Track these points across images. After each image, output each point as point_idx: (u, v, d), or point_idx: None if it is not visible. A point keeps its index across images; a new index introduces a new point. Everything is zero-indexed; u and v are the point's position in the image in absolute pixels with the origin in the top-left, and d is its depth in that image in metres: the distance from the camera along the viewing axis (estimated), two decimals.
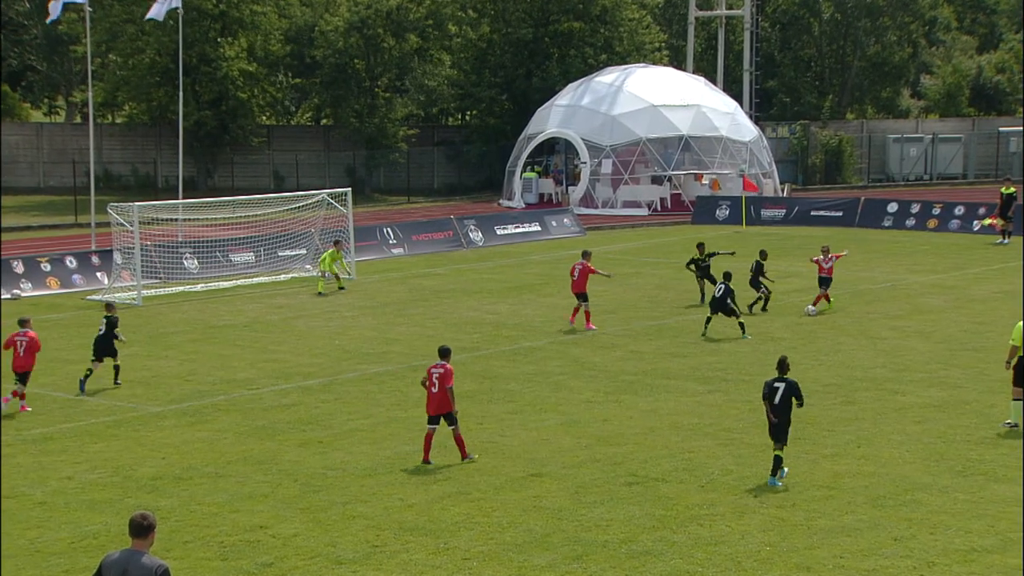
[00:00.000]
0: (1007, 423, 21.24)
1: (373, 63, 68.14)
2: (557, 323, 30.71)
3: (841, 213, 53.47)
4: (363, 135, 67.98)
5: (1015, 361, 21.14)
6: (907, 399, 23.32)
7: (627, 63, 66.79)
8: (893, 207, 53.13)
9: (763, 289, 32.36)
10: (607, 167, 58.81)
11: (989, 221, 48.57)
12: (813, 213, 53.96)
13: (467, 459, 19.54)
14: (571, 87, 62.99)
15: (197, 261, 40.30)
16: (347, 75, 67.51)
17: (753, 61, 70.89)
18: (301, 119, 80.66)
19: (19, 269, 37.46)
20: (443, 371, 19.37)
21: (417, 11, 67.80)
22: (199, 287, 38.23)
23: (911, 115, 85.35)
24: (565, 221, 52.44)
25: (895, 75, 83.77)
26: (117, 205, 37.27)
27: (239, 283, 39.11)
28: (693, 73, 67.02)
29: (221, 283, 38.91)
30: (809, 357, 26.71)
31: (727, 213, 54.75)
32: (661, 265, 41.43)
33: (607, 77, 62.13)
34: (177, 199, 43.78)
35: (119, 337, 25.27)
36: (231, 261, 40.93)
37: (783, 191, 61.81)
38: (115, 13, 64.45)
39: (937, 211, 51.87)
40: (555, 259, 43.24)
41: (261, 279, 39.84)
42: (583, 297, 30.53)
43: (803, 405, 18.61)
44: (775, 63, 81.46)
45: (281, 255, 41.60)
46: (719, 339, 29.12)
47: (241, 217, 42.47)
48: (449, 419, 19.42)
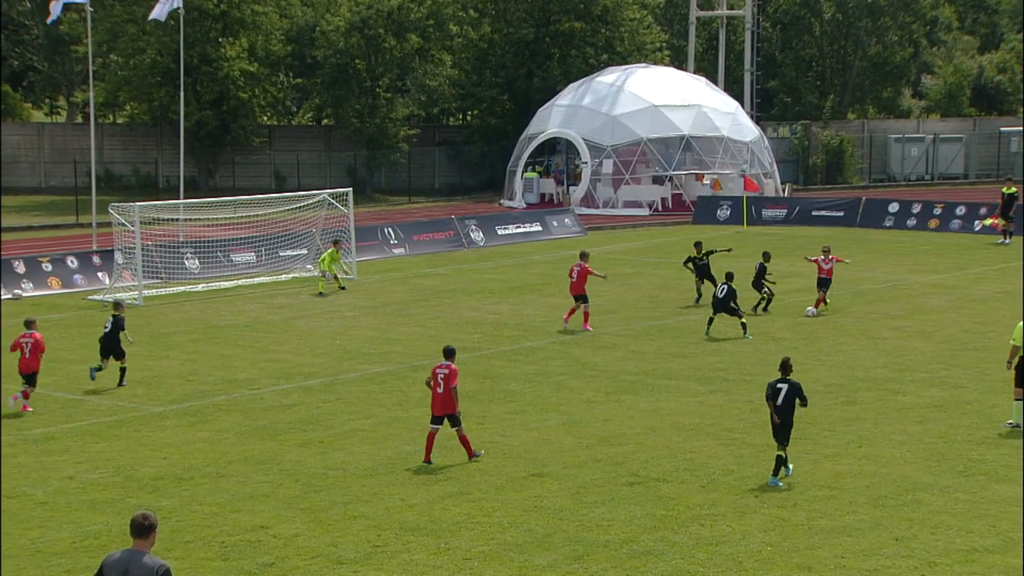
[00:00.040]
0: (1008, 423, 21.24)
1: (374, 63, 68.14)
2: (558, 323, 30.73)
3: (842, 213, 53.47)
4: (364, 135, 67.97)
5: (1016, 361, 21.14)
6: (908, 399, 23.32)
7: (628, 63, 66.78)
8: (894, 207, 53.13)
9: (765, 290, 32.38)
10: (608, 167, 58.80)
11: (990, 221, 48.57)
12: (814, 213, 53.96)
13: (474, 458, 19.52)
14: (572, 87, 62.99)
15: (198, 261, 40.30)
16: (348, 75, 67.51)
17: (754, 61, 70.89)
18: (302, 119, 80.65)
19: (20, 269, 37.47)
20: (448, 371, 19.36)
21: (418, 11, 67.80)
22: (200, 287, 38.24)
23: (912, 115, 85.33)
24: (566, 221, 52.44)
25: (896, 75, 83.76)
26: (118, 205, 37.28)
27: (240, 283, 39.12)
28: (694, 73, 66.98)
29: (222, 283, 38.91)
30: (810, 357, 26.72)
31: (728, 213, 54.76)
32: (662, 265, 41.42)
33: (608, 77, 62.12)
34: (178, 199, 43.76)
35: (127, 337, 25.33)
36: (232, 261, 40.93)
37: (784, 191, 61.82)
38: (116, 13, 64.45)
39: (938, 211, 51.86)
40: (556, 259, 43.23)
41: (262, 279, 39.84)
42: (583, 299, 30.51)
43: (807, 405, 18.66)
44: (776, 63, 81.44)
45: (282, 255, 41.61)
46: (720, 339, 29.12)
47: (242, 217, 42.46)
48: (452, 420, 19.41)
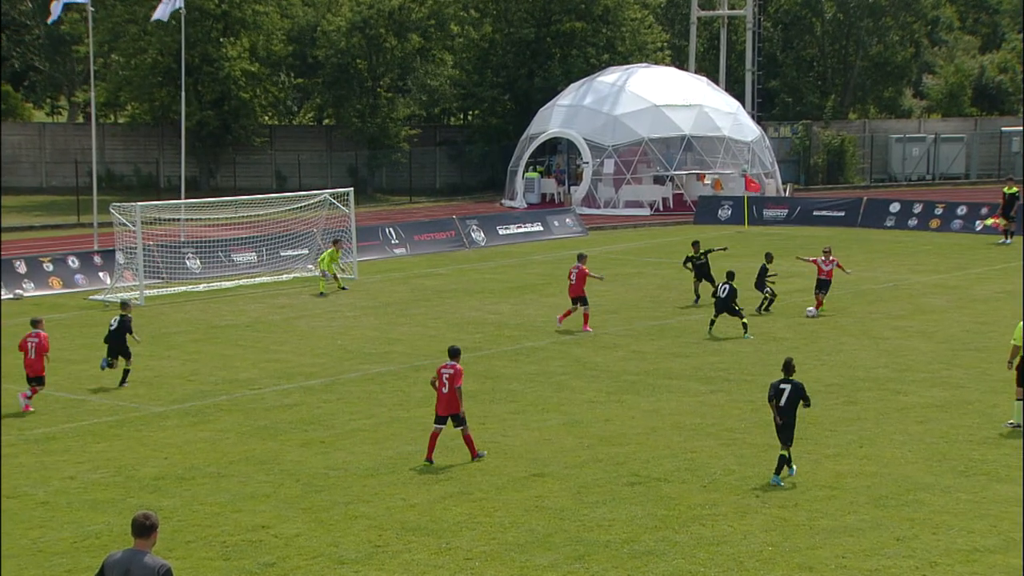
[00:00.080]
0: (1010, 423, 21.23)
1: (375, 63, 68.16)
2: (566, 322, 30.67)
3: (843, 213, 53.46)
4: (365, 135, 67.98)
5: (1017, 361, 21.14)
6: (909, 399, 23.31)
7: (629, 63, 66.77)
8: (895, 207, 53.13)
9: (767, 290, 32.36)
10: (609, 167, 58.80)
11: (991, 221, 48.56)
12: (815, 213, 53.96)
13: (476, 458, 19.52)
14: (573, 87, 62.99)
15: (199, 261, 40.30)
16: (349, 75, 67.51)
17: (755, 61, 70.87)
18: (303, 119, 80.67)
19: (21, 269, 37.47)
20: (453, 371, 19.38)
21: (419, 11, 67.82)
22: (201, 287, 38.25)
23: (913, 115, 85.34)
24: (567, 221, 52.44)
25: (897, 75, 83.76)
26: (119, 205, 37.30)
27: (241, 283, 39.13)
28: (695, 73, 66.98)
29: (223, 283, 38.92)
30: (811, 357, 26.71)
31: (729, 213, 54.76)
32: (663, 265, 41.41)
33: (609, 77, 62.12)
34: (179, 199, 43.76)
35: (134, 336, 25.38)
36: (233, 261, 40.94)
37: (785, 191, 61.84)
38: (117, 13, 64.47)
39: (939, 211, 51.85)
40: (557, 259, 43.22)
41: (263, 279, 39.85)
42: (583, 300, 30.45)
43: (809, 406, 18.67)
44: (777, 63, 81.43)
45: (283, 255, 41.62)
46: (721, 339, 29.12)
47: (243, 217, 42.47)
48: (457, 420, 19.43)
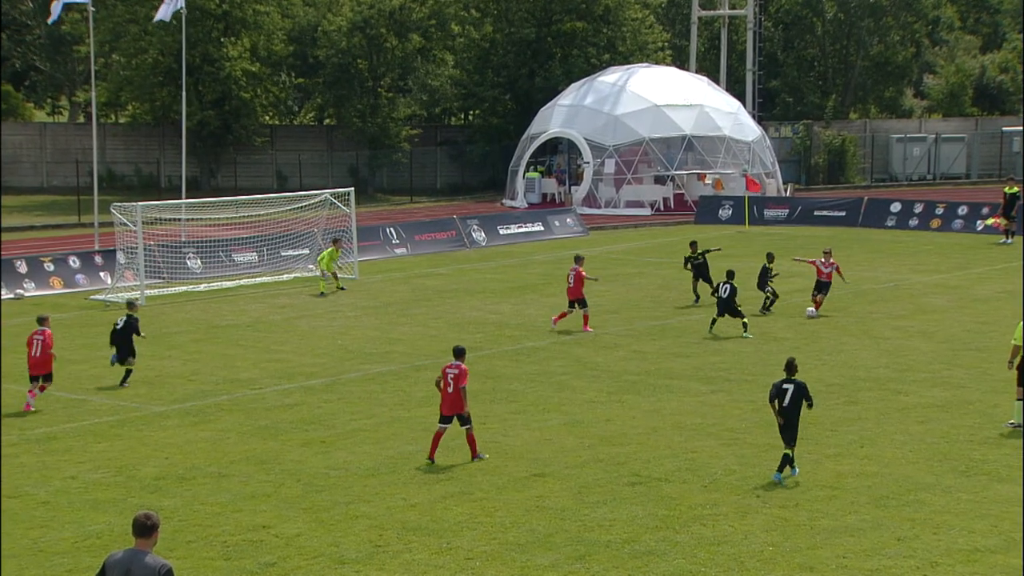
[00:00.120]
0: (1010, 423, 21.22)
1: (376, 63, 68.17)
2: (564, 323, 30.67)
3: (844, 213, 53.44)
4: (366, 135, 68.00)
5: (1018, 361, 21.13)
6: (910, 399, 23.31)
7: (630, 63, 66.75)
8: (896, 207, 53.11)
9: (768, 289, 32.33)
10: (610, 167, 58.79)
11: (992, 221, 48.56)
12: (816, 213, 53.94)
13: (476, 459, 19.54)
14: (574, 87, 62.98)
15: (200, 261, 40.32)
16: (350, 75, 67.52)
17: (756, 61, 70.85)
18: (304, 119, 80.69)
19: (22, 269, 37.48)
20: (458, 371, 19.41)
21: (420, 11, 67.84)
22: (202, 287, 38.26)
23: (914, 115, 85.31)
24: (568, 221, 52.44)
25: (898, 75, 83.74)
26: (120, 205, 37.31)
27: (242, 283, 39.13)
28: (696, 73, 66.97)
29: (224, 283, 38.93)
30: (812, 357, 26.69)
31: (730, 213, 54.75)
32: (664, 265, 41.40)
33: (610, 77, 62.11)
34: (180, 199, 43.76)
35: (140, 333, 25.51)
36: (234, 261, 40.94)
37: (786, 191, 61.84)
38: (118, 13, 64.50)
39: (940, 211, 51.83)
40: (558, 259, 43.20)
41: (264, 279, 39.86)
42: (582, 302, 30.39)
43: (812, 407, 18.67)
44: (778, 63, 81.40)
45: (284, 255, 41.63)
46: (722, 339, 29.12)
47: (244, 217, 42.49)
48: (462, 419, 19.46)
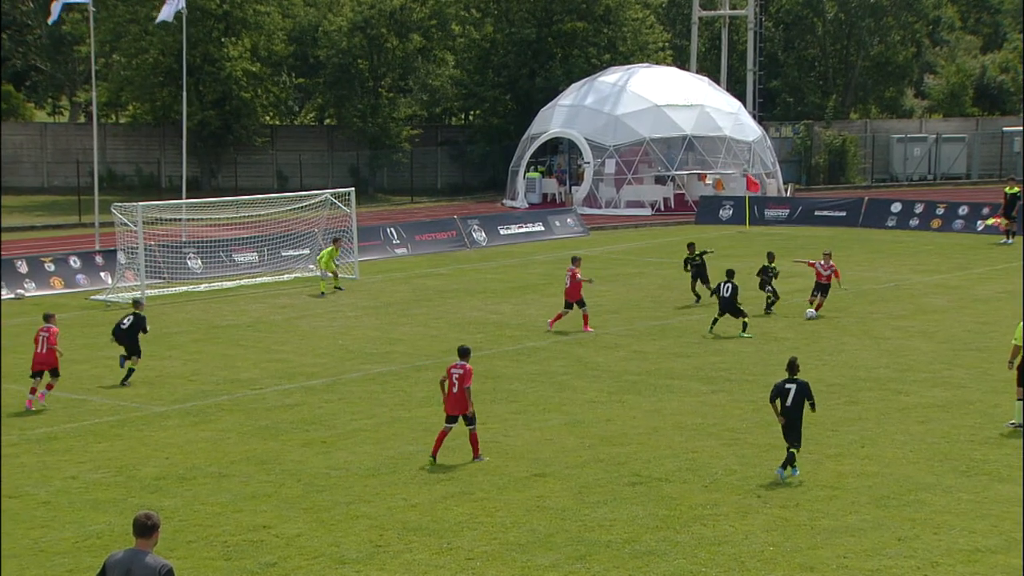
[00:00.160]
0: (1011, 423, 21.22)
1: (377, 63, 68.17)
2: (562, 323, 30.67)
3: (845, 213, 53.42)
4: (367, 135, 67.99)
5: (1018, 361, 21.12)
6: (911, 399, 23.31)
7: (631, 63, 66.74)
8: (897, 207, 53.10)
9: (768, 288, 32.31)
10: (610, 167, 58.78)
11: (993, 221, 48.55)
12: (817, 213, 53.93)
13: (477, 459, 19.54)
14: (574, 87, 62.97)
15: (201, 261, 40.32)
16: (351, 75, 67.51)
17: (757, 61, 70.83)
18: (305, 119, 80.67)
19: (23, 269, 37.49)
20: (463, 371, 19.41)
21: (420, 11, 67.83)
22: (203, 287, 38.26)
23: (915, 115, 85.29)
24: (568, 221, 52.43)
25: (899, 75, 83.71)
26: (121, 205, 37.32)
27: (243, 283, 39.13)
28: (697, 73, 66.97)
29: (225, 283, 38.94)
30: (813, 357, 26.67)
31: (730, 213, 54.74)
32: (664, 265, 41.38)
33: (610, 77, 62.10)
34: (181, 199, 43.78)
35: (146, 330, 25.68)
36: (235, 261, 40.95)
37: (787, 191, 61.82)
38: (119, 13, 64.47)
39: (941, 211, 51.83)
40: (558, 259, 43.17)
41: (264, 279, 39.86)
42: (580, 302, 30.38)
43: (815, 409, 18.68)
44: (779, 63, 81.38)
45: (284, 255, 41.63)
46: (723, 338, 29.11)
47: (245, 217, 42.50)
48: (467, 419, 19.48)
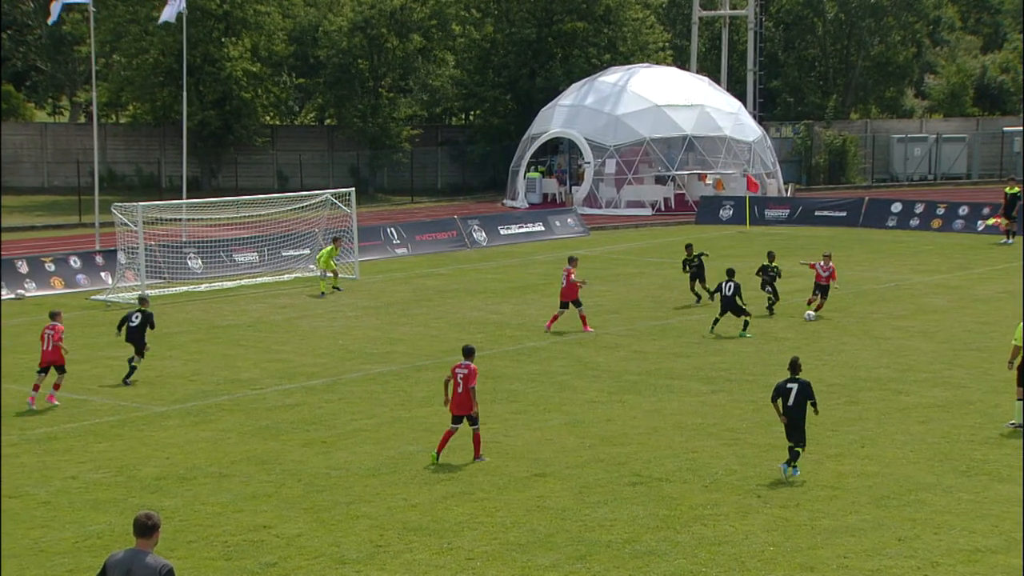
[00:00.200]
0: (1011, 423, 21.22)
1: (377, 63, 68.17)
2: (561, 323, 30.67)
3: (845, 213, 53.43)
4: (367, 135, 68.00)
5: (1018, 361, 21.12)
6: (911, 399, 23.31)
7: (631, 63, 66.75)
8: (897, 207, 53.11)
9: (768, 289, 32.30)
10: (611, 167, 58.78)
11: (993, 221, 48.55)
12: (817, 213, 53.93)
13: (478, 459, 19.54)
14: (575, 87, 62.97)
15: (201, 261, 40.32)
16: (351, 75, 67.52)
17: (757, 61, 70.84)
18: (305, 119, 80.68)
19: (23, 269, 37.48)
20: (467, 371, 19.41)
21: (421, 11, 67.83)
22: (203, 287, 38.26)
23: (915, 115, 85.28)
24: (569, 221, 52.44)
25: (899, 75, 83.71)
26: (121, 205, 37.33)
27: (243, 283, 39.14)
28: (697, 73, 66.99)
29: (225, 283, 38.94)
30: (813, 357, 26.66)
31: (731, 213, 54.74)
32: (665, 265, 41.37)
33: (611, 77, 62.10)
34: (181, 199, 43.79)
35: (154, 326, 25.84)
36: (235, 261, 40.95)
37: (787, 191, 61.83)
38: (119, 13, 64.47)
39: (941, 211, 51.84)
40: (559, 259, 43.12)
41: (265, 279, 39.86)
42: (576, 303, 30.39)
43: (818, 412, 18.70)
44: (779, 63, 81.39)
45: (285, 255, 41.63)
46: (723, 338, 29.12)
47: (245, 217, 42.50)
48: (471, 419, 19.49)
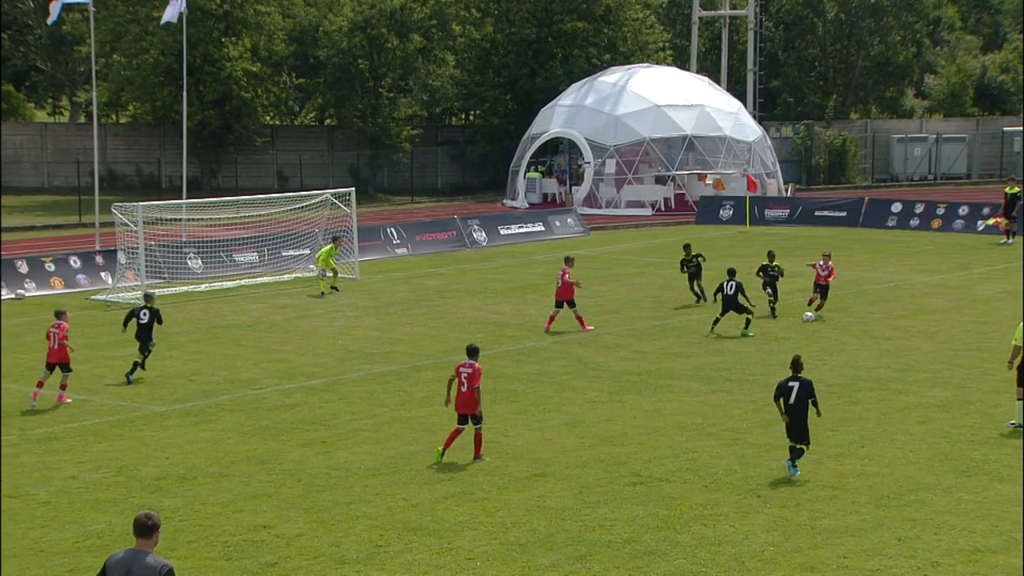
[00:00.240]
0: (1011, 423, 21.22)
1: (377, 63, 68.17)
2: (560, 323, 30.67)
3: (845, 213, 53.44)
4: (367, 135, 68.00)
5: (1018, 361, 21.12)
6: (911, 399, 23.31)
7: (631, 63, 66.75)
8: (897, 207, 53.11)
9: (768, 289, 32.28)
10: (611, 167, 58.78)
11: (993, 221, 48.55)
12: (817, 213, 53.93)
13: (478, 459, 19.54)
14: (575, 87, 62.97)
15: (201, 261, 40.32)
16: (351, 75, 67.53)
17: (757, 61, 70.83)
18: (305, 119, 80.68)
19: (23, 269, 37.48)
20: (472, 371, 19.42)
21: (421, 11, 67.82)
22: (203, 287, 38.26)
23: (915, 115, 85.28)
24: (569, 221, 52.43)
25: (899, 75, 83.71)
26: (121, 205, 37.33)
27: (243, 283, 39.14)
28: (697, 73, 66.98)
29: (225, 283, 38.94)
30: (813, 357, 26.62)
31: (731, 213, 54.74)
32: (665, 265, 41.34)
33: (611, 77, 62.10)
34: (181, 199, 43.79)
35: (161, 322, 26.12)
36: (235, 261, 40.95)
37: (787, 191, 61.82)
38: (119, 13, 64.47)
39: (941, 211, 51.84)
40: (558, 259, 42.92)
41: (265, 279, 39.86)
42: (571, 303, 30.36)
43: (820, 413, 18.71)
44: (779, 63, 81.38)
45: (285, 255, 41.63)
46: (723, 338, 29.12)
47: (245, 217, 42.50)
48: (474, 418, 19.51)
